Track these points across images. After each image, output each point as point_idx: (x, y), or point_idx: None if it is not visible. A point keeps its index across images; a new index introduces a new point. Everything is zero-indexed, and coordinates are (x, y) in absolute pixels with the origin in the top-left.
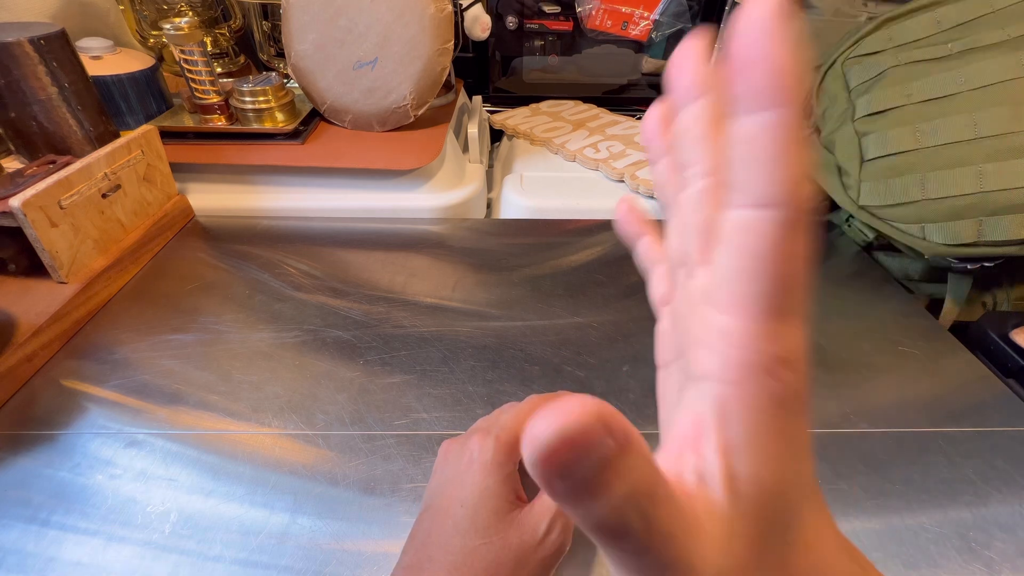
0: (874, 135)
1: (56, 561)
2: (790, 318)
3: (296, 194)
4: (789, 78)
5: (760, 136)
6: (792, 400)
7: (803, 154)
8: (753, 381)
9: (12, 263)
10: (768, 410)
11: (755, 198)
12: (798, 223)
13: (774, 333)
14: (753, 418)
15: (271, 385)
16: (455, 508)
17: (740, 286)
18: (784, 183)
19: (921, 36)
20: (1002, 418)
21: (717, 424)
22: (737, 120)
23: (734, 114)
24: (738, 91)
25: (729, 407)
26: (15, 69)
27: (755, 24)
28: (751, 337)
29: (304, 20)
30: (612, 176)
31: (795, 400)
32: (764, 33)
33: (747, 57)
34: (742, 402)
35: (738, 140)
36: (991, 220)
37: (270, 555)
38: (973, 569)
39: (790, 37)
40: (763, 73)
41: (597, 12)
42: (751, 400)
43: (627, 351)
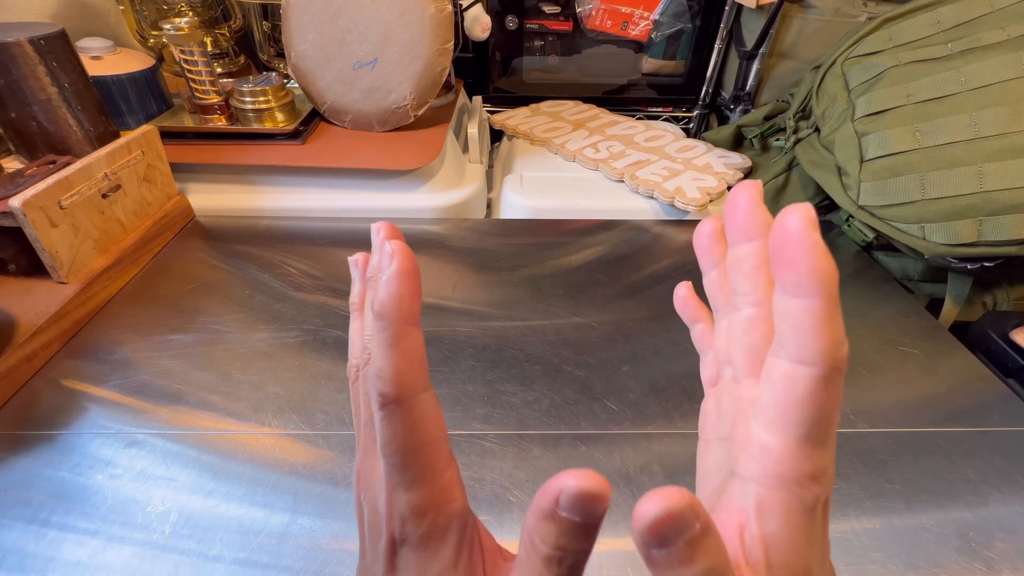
0: (874, 135)
1: (56, 561)
2: (821, 445)
3: (296, 194)
4: (824, 275)
5: (802, 315)
6: (817, 506)
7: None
8: (787, 490)
9: (12, 263)
10: (798, 513)
11: (799, 357)
12: (832, 378)
13: (807, 455)
14: (785, 518)
15: (271, 385)
16: None
17: (782, 417)
18: (822, 350)
19: (921, 36)
20: (1002, 418)
21: (757, 520)
22: (784, 298)
23: (781, 292)
24: (784, 279)
25: (766, 507)
26: (15, 69)
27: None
28: (788, 456)
29: (304, 20)
30: (612, 176)
31: (820, 506)
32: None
33: (790, 256)
34: (777, 505)
35: (785, 313)
36: (991, 220)
37: (270, 555)
38: (973, 569)
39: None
40: (804, 270)
41: (597, 12)
42: (784, 504)
43: (627, 351)
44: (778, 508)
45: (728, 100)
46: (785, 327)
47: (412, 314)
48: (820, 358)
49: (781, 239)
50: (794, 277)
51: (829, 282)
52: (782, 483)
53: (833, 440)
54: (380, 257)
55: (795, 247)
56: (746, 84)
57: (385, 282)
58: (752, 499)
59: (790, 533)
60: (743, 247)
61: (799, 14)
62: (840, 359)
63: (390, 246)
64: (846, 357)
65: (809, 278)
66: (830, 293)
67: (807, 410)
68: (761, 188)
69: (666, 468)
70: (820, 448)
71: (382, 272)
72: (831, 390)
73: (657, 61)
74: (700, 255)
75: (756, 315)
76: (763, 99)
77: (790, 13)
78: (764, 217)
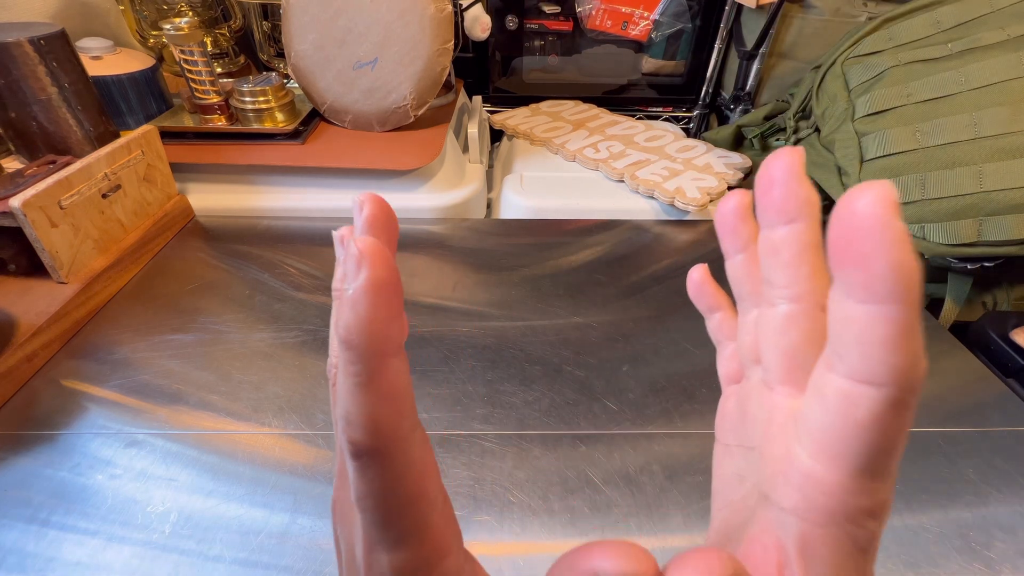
0: (874, 135)
1: (56, 561)
2: (882, 476)
3: (296, 194)
4: (908, 276)
5: (874, 325)
6: (870, 544)
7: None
8: (837, 527)
9: (12, 263)
10: (850, 553)
11: (865, 376)
12: (907, 401)
13: (865, 489)
14: (835, 560)
15: (271, 385)
16: None
17: (837, 445)
18: (897, 368)
19: (921, 36)
20: (1002, 418)
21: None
22: (846, 302)
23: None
24: (849, 279)
25: (812, 546)
26: (15, 69)
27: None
28: (841, 490)
29: (304, 20)
30: (612, 176)
31: (873, 544)
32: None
33: (861, 251)
34: (825, 544)
35: (848, 320)
36: (991, 220)
37: (270, 555)
38: (973, 569)
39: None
40: (881, 269)
41: (597, 12)
42: (834, 543)
43: (627, 351)
44: (827, 548)
45: (728, 100)
46: (847, 337)
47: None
48: (894, 378)
49: (849, 226)
50: (866, 278)
51: (912, 285)
52: (832, 519)
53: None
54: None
55: (869, 239)
56: (746, 84)
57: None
58: (794, 535)
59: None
60: (780, 230)
61: (799, 14)
62: (918, 379)
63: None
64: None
65: (888, 279)
66: (913, 299)
67: (870, 438)
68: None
69: (666, 468)
70: (880, 480)
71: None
72: (903, 415)
73: (657, 61)
74: (723, 236)
75: (795, 312)
76: (763, 99)
77: (790, 13)
78: (808, 193)
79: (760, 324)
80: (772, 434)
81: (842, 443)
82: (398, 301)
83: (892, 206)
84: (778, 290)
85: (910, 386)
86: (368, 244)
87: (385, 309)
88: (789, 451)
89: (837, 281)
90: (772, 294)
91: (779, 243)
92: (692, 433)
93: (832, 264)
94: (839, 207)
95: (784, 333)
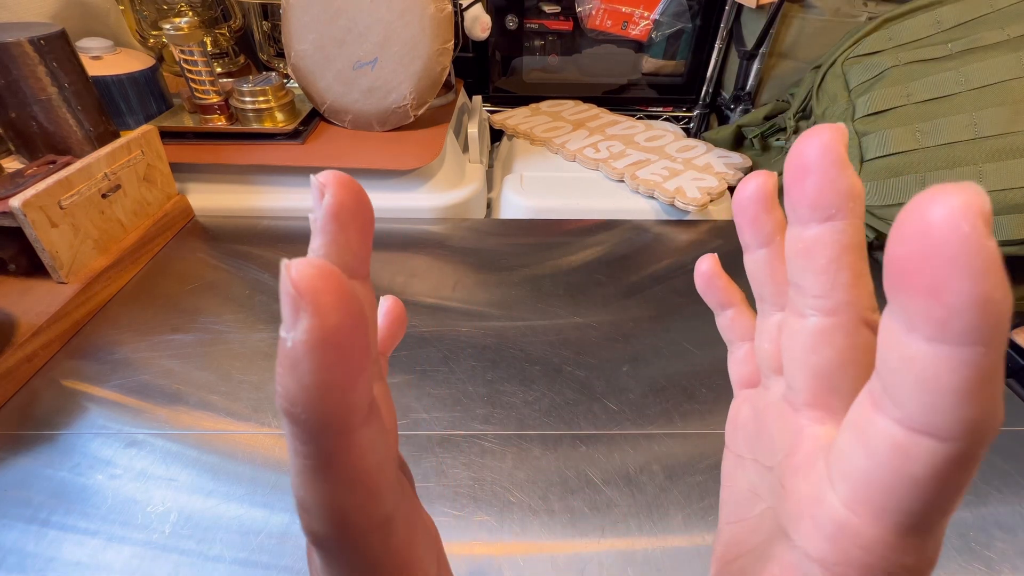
0: (874, 135)
1: (56, 561)
2: (932, 533)
3: (296, 194)
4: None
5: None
6: None
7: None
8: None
9: (12, 263)
10: None
11: (925, 427)
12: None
13: (910, 547)
14: None
15: (271, 385)
16: None
17: (882, 498)
18: (971, 422)
19: (921, 36)
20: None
21: None
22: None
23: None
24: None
25: None
26: (15, 69)
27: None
28: (883, 547)
29: (304, 20)
30: (612, 176)
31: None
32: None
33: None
34: None
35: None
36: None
37: (270, 555)
38: (973, 569)
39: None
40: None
41: (597, 12)
42: None
43: (627, 351)
44: None
45: (728, 100)
46: (907, 379)
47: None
48: (964, 432)
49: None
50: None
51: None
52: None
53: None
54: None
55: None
56: (746, 84)
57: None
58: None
59: None
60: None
61: (799, 14)
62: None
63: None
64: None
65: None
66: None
67: (925, 497)
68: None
69: (666, 468)
70: (930, 537)
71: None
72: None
73: (657, 61)
74: (742, 227)
75: (830, 327)
76: (763, 99)
77: (790, 13)
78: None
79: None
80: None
81: (889, 498)
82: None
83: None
84: (810, 299)
85: (982, 441)
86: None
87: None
88: (820, 494)
89: (896, 308)
90: (802, 302)
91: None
92: (692, 433)
93: (890, 287)
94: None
95: (815, 351)
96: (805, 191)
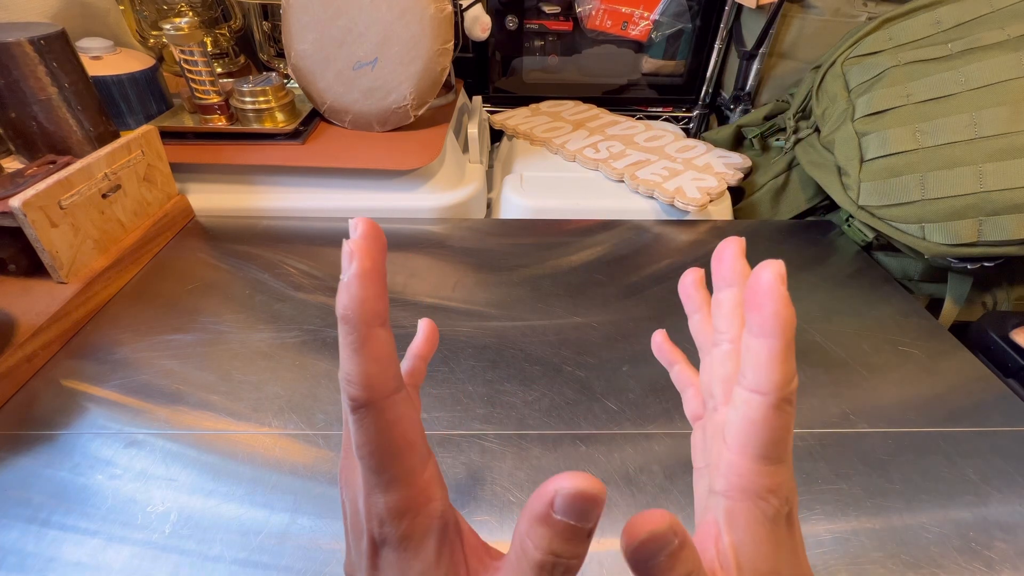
0: (874, 135)
1: (56, 561)
2: (777, 462)
3: (296, 194)
4: (784, 321)
5: (762, 351)
6: (778, 517)
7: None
8: (750, 502)
9: (12, 263)
10: (761, 522)
11: (756, 387)
12: (783, 406)
13: (766, 472)
14: (750, 526)
15: (271, 385)
16: None
17: (742, 438)
18: (776, 382)
19: (921, 36)
20: (1002, 418)
21: (727, 529)
22: (749, 336)
23: (748, 331)
24: (752, 320)
25: (734, 518)
26: (15, 69)
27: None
28: (749, 472)
29: (304, 20)
30: (612, 176)
31: (781, 517)
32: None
33: (759, 302)
34: (742, 515)
35: (749, 349)
36: (991, 220)
37: (270, 555)
38: (973, 569)
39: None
40: (768, 315)
41: (597, 12)
42: (748, 514)
43: (627, 351)
44: (743, 518)
45: (728, 100)
46: (748, 361)
47: (376, 315)
48: (773, 389)
49: (754, 287)
50: (760, 320)
51: (788, 327)
52: (746, 495)
53: (788, 458)
54: (342, 256)
55: (764, 295)
56: (746, 84)
57: (345, 285)
58: (723, 511)
59: (755, 540)
60: (725, 292)
61: (799, 14)
62: (790, 391)
63: (348, 245)
64: (795, 390)
65: (772, 321)
66: (788, 336)
67: (762, 432)
68: (744, 244)
69: (666, 468)
70: (776, 465)
71: (343, 274)
72: (783, 416)
73: (657, 61)
74: (685, 300)
75: (732, 350)
76: (763, 99)
77: (790, 13)
78: (744, 268)
79: (711, 362)
80: (714, 444)
81: (746, 436)
82: (382, 285)
83: (781, 278)
84: (721, 334)
85: (786, 395)
86: (357, 243)
87: (372, 290)
88: (720, 449)
89: (748, 322)
90: (718, 337)
91: (723, 300)
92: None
93: (745, 310)
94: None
95: (723, 364)
96: (721, 272)
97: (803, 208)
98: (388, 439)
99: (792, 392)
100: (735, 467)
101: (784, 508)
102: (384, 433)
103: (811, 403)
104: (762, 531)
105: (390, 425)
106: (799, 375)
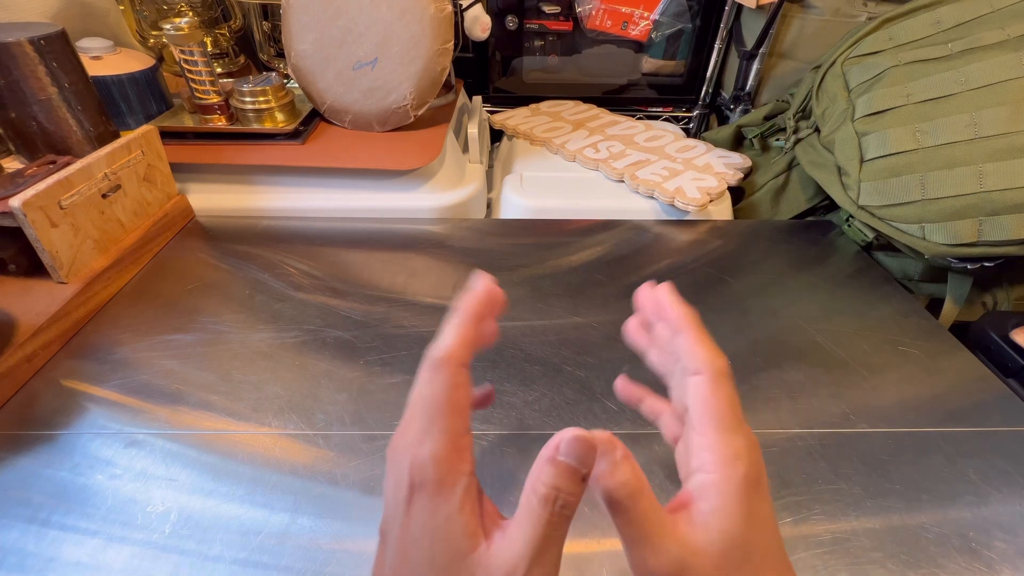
0: (874, 135)
1: (56, 561)
2: (733, 431)
3: (296, 194)
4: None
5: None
6: (747, 482)
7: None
8: (718, 472)
9: (12, 263)
10: (732, 490)
11: (693, 370)
12: (719, 379)
13: (726, 441)
14: (718, 492)
15: (271, 385)
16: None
17: (699, 417)
18: (704, 360)
19: (921, 36)
20: (1002, 418)
21: (701, 497)
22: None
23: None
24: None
25: (705, 487)
26: (15, 69)
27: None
28: (714, 444)
29: (304, 20)
30: (612, 176)
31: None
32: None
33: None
34: (712, 484)
35: (676, 346)
36: (991, 220)
37: (270, 555)
38: (973, 569)
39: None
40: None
41: (597, 12)
42: (716, 482)
43: (627, 351)
44: (713, 487)
45: (728, 100)
46: (681, 354)
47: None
48: (705, 365)
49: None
50: (673, 322)
51: (693, 319)
52: (715, 466)
53: (744, 426)
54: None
55: (666, 307)
56: (746, 84)
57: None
58: (697, 483)
59: (724, 505)
60: (659, 325)
61: (799, 14)
62: (721, 365)
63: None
64: (727, 367)
65: (680, 320)
66: (696, 324)
67: (712, 405)
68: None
69: (666, 468)
70: (733, 434)
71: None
72: (724, 387)
73: (657, 61)
74: (634, 345)
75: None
76: (763, 99)
77: (790, 13)
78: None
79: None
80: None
81: (701, 415)
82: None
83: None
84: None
85: (718, 368)
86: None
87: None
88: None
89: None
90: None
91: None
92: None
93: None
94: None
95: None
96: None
97: (803, 208)
98: (447, 398)
99: (724, 367)
100: (703, 443)
101: (752, 471)
102: (446, 392)
103: (811, 403)
104: (731, 497)
105: (453, 387)
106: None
